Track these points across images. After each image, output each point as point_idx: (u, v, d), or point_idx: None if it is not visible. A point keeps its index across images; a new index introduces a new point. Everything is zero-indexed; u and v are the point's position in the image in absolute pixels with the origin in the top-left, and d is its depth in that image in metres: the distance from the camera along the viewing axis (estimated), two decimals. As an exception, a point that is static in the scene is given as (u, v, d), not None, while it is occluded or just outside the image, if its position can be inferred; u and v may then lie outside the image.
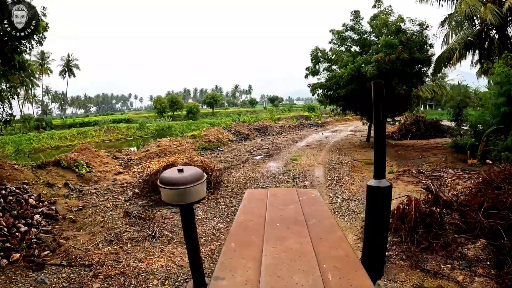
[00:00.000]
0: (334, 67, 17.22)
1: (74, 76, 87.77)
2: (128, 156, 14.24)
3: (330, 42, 17.47)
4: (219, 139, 17.79)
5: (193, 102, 75.89)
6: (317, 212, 2.67)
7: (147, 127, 48.96)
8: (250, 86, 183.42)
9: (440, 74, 24.64)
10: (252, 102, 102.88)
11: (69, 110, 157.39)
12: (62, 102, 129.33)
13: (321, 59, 17.33)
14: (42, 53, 78.24)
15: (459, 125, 15.08)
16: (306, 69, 17.72)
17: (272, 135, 22.74)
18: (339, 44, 16.91)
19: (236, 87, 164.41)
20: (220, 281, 1.69)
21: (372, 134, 20.39)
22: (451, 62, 16.30)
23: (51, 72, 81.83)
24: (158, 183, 2.01)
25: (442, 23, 16.32)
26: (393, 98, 14.39)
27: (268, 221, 2.45)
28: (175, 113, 68.35)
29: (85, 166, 10.79)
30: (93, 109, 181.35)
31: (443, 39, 18.57)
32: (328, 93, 17.51)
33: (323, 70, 17.71)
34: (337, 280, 1.65)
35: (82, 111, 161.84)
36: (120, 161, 13.41)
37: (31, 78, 73.60)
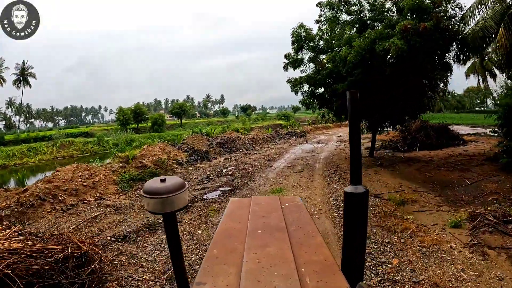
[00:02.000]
0: (323, 57, 11.68)
1: (30, 86, 76.48)
2: (-15, 203, 7.91)
3: (317, 21, 11.88)
4: (159, 162, 11.62)
5: (159, 113, 68.12)
6: (299, 219, 2.60)
7: (105, 141, 42.10)
8: (222, 95, 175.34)
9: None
10: (224, 112, 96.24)
11: (38, 124, 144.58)
12: (27, 115, 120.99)
13: (306, 44, 11.68)
14: (-6, 59, 68.20)
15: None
16: (286, 57, 12.03)
17: (240, 151, 16.63)
18: (331, 21, 11.27)
19: (208, 96, 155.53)
20: (202, 286, 1.71)
21: (376, 145, 15.29)
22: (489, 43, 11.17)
23: (4, 81, 71.48)
24: (141, 192, 1.93)
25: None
26: (421, 91, 9.04)
27: (250, 229, 2.40)
28: (140, 124, 60.87)
29: None
30: (62, 122, 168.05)
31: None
32: (317, 91, 11.88)
33: (308, 61, 12.10)
34: (314, 283, 1.66)
35: (51, 124, 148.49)
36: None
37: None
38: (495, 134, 13.55)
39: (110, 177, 10.21)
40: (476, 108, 64.16)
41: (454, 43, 9.60)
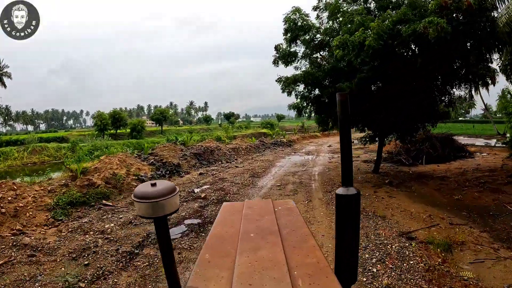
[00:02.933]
0: (322, 53, 9.43)
1: (5, 86, 71.87)
2: None
3: (315, 8, 9.60)
4: (114, 178, 8.91)
5: (138, 119, 64.37)
6: (292, 222, 2.46)
7: (80, 147, 38.60)
8: (206, 103, 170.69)
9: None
10: (207, 119, 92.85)
11: (19, 127, 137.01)
12: (6, 118, 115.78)
13: (301, 35, 9.37)
14: (-35, 58, 63.03)
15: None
16: (276, 49, 9.66)
17: (219, 163, 14.02)
18: (333, 6, 8.96)
19: (191, 103, 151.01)
20: None
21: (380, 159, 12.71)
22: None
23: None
24: (132, 197, 1.89)
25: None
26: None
27: (242, 232, 2.28)
28: (118, 131, 57.20)
29: None
30: (43, 126, 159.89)
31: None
32: (313, 92, 9.55)
33: (303, 57, 9.80)
34: (307, 286, 1.57)
35: (31, 127, 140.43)
36: None
37: None
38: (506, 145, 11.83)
39: (42, 200, 7.45)
40: (460, 118, 63.62)
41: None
